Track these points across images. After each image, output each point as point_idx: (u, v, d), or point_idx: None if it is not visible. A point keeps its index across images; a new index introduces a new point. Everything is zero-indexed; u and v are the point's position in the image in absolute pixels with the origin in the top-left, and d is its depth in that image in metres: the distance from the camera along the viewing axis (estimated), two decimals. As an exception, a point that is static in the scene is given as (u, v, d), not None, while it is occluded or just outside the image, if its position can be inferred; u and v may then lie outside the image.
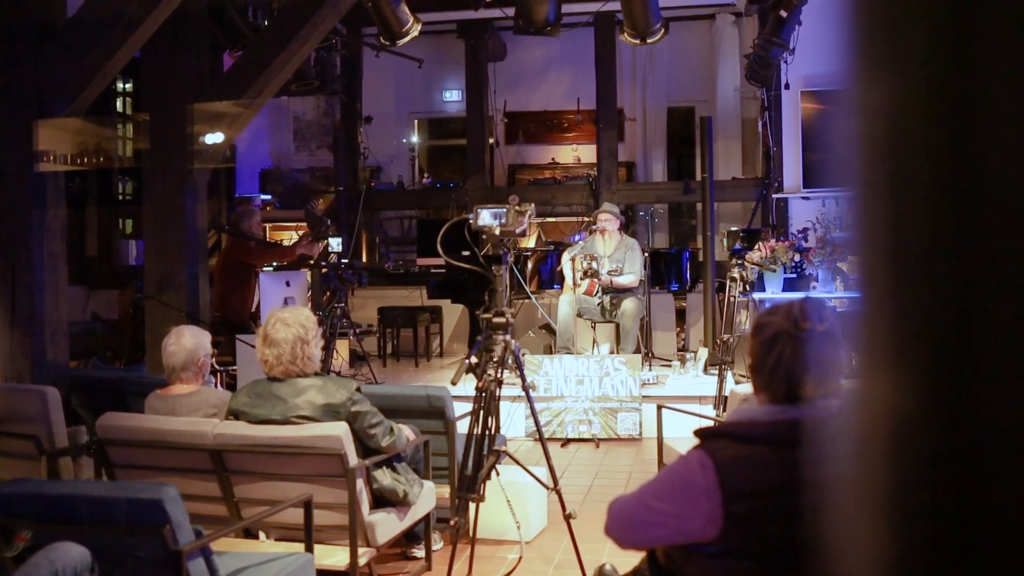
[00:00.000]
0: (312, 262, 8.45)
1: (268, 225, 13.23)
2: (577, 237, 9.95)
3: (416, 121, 13.96)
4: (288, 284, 8.28)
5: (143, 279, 9.84)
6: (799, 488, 2.15)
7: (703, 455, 2.21)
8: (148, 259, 7.83)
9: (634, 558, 2.73)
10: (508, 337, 4.23)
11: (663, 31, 7.70)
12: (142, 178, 8.12)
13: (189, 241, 7.70)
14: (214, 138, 7.86)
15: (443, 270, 10.55)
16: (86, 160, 6.89)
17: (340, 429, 4.04)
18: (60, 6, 6.19)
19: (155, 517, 2.88)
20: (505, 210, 4.15)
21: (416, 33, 7.75)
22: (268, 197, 13.23)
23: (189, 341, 4.40)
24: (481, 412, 4.20)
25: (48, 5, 6.09)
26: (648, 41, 7.78)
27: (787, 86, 9.41)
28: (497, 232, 4.11)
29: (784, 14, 7.99)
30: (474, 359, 4.24)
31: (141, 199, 11.91)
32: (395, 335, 10.55)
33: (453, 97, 13.42)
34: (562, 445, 7.70)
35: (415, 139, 13.90)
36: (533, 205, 4.27)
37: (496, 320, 4.21)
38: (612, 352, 8.76)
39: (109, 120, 10.68)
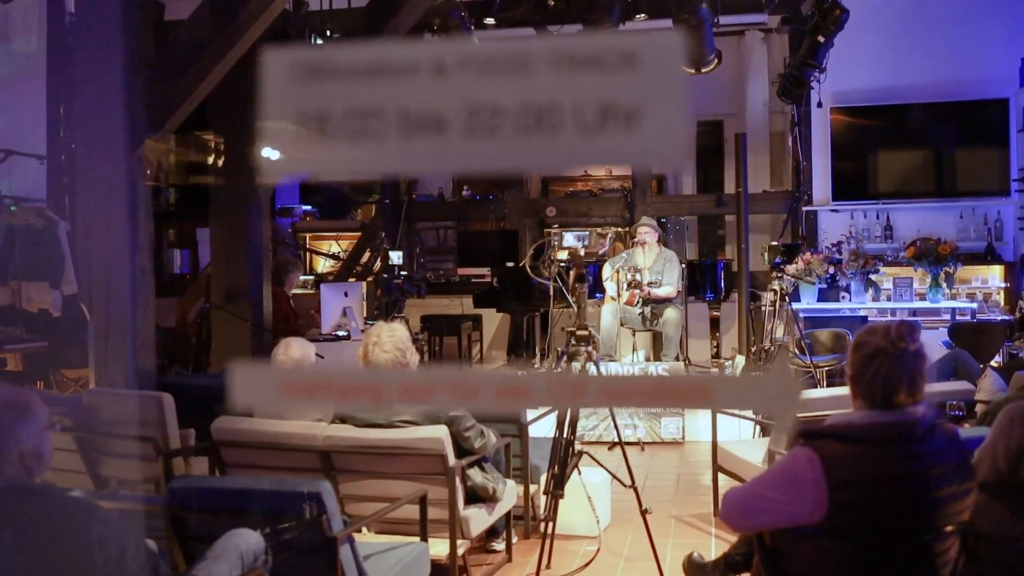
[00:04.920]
0: (373, 274, 8.87)
1: (308, 235, 13.69)
2: (601, 251, 10.38)
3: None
4: (346, 295, 8.71)
5: (190, 286, 10.31)
6: (893, 479, 2.59)
7: (810, 452, 2.63)
8: (215, 270, 8.28)
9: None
10: (590, 348, 4.65)
11: (716, 61, 8.16)
12: (208, 193, 8.56)
13: (253, 254, 8.15)
14: (278, 156, 8.30)
15: (485, 280, 11.00)
16: (170, 179, 7.33)
17: (441, 432, 4.47)
18: (149, 39, 6.64)
19: (314, 507, 3.31)
20: (588, 233, 4.56)
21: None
22: (309, 208, 13.67)
23: (296, 351, 4.83)
24: (566, 417, 4.62)
25: (139, 38, 6.54)
26: (703, 71, 8.25)
27: (819, 104, 9.84)
28: (582, 253, 4.52)
29: (822, 39, 8.42)
30: (560, 369, 4.66)
31: (184, 210, 12.39)
32: (440, 342, 10.99)
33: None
34: (609, 448, 8.12)
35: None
36: (613, 230, 4.68)
37: (580, 333, 4.63)
38: (648, 359, 9.19)
39: (188, 140, 11.11)
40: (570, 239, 4.80)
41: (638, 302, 9.07)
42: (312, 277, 12.01)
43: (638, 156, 0.75)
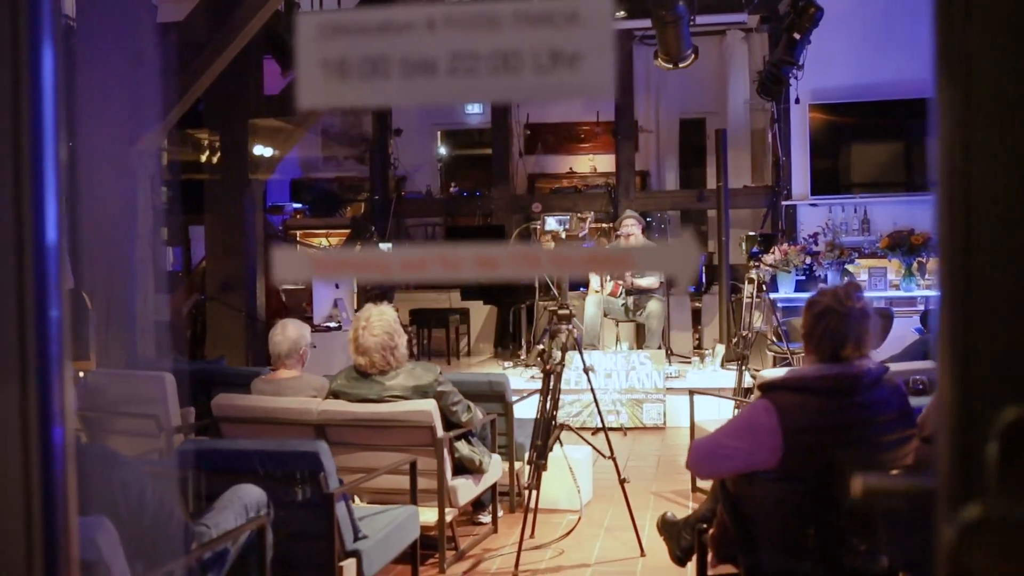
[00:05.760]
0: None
1: (299, 231, 13.92)
2: (582, 234, 10.62)
3: (439, 132, 14.66)
4: (337, 287, 8.96)
5: (184, 282, 10.53)
6: (841, 426, 2.86)
7: (767, 402, 2.90)
8: (211, 263, 8.53)
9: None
10: (571, 327, 4.92)
11: (693, 56, 8.45)
12: (203, 189, 8.80)
13: (247, 247, 8.40)
14: (271, 152, 8.57)
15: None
16: (163, 177, 7.56)
17: (430, 405, 4.73)
18: (151, 35, 6.88)
19: (312, 466, 3.57)
20: (569, 217, 4.82)
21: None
22: (299, 205, 13.91)
23: (293, 332, 5.08)
24: (549, 392, 4.89)
25: (140, 36, 6.79)
26: (680, 65, 8.55)
27: (797, 101, 10.14)
28: (563, 236, 4.78)
29: (797, 36, 8.72)
30: (542, 346, 4.92)
31: (176, 207, 12.58)
32: (428, 335, 11.24)
33: (475, 109, 14.11)
34: (592, 433, 8.37)
35: (442, 150, 14.62)
36: (592, 213, 4.95)
37: (561, 312, 4.90)
38: (632, 348, 9.46)
39: (181, 138, 11.33)
40: (552, 223, 5.05)
41: (621, 293, 9.34)
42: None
43: (578, 90, 1.02)
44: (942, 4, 1.07)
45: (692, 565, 3.64)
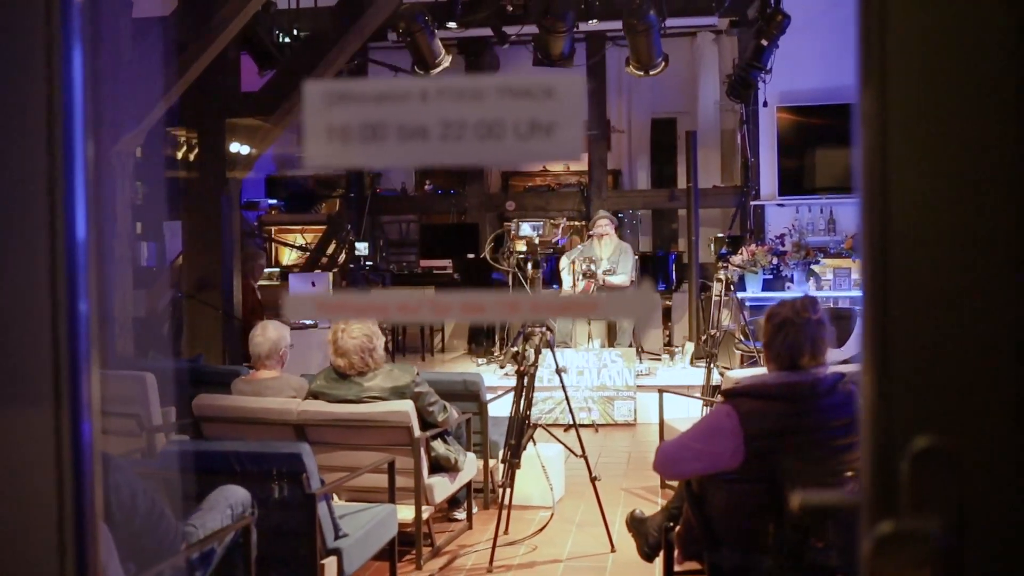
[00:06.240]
0: (339, 265, 9.23)
1: (274, 228, 14.01)
2: (561, 241, 10.81)
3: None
4: (313, 285, 9.07)
5: (160, 278, 10.59)
6: (799, 430, 3.03)
7: (729, 408, 3.07)
8: (187, 261, 8.62)
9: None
10: (544, 329, 5.07)
11: (664, 64, 8.63)
12: (178, 187, 8.88)
13: (224, 245, 8.49)
14: (248, 151, 8.66)
15: (446, 272, 11.40)
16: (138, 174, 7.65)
17: (407, 406, 4.87)
18: (127, 43, 6.96)
19: (295, 467, 3.70)
20: (542, 223, 4.97)
21: (447, 64, 8.62)
22: (275, 202, 13.99)
23: (273, 333, 5.20)
24: (523, 392, 5.04)
25: (117, 44, 6.87)
26: (651, 73, 8.72)
27: (765, 104, 10.33)
28: (536, 242, 4.93)
29: (765, 43, 8.91)
30: (516, 348, 5.07)
31: (153, 204, 12.63)
32: (403, 332, 11.37)
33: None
34: (565, 430, 8.53)
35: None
36: (565, 219, 5.10)
37: (535, 315, 5.03)
38: (604, 346, 9.64)
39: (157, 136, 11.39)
40: (526, 228, 5.20)
41: (593, 291, 9.50)
42: (277, 269, 12.35)
43: (553, 155, 1.17)
44: (862, 20, 1.21)
45: (660, 561, 3.81)
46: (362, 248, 8.80)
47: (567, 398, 5.47)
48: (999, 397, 1.14)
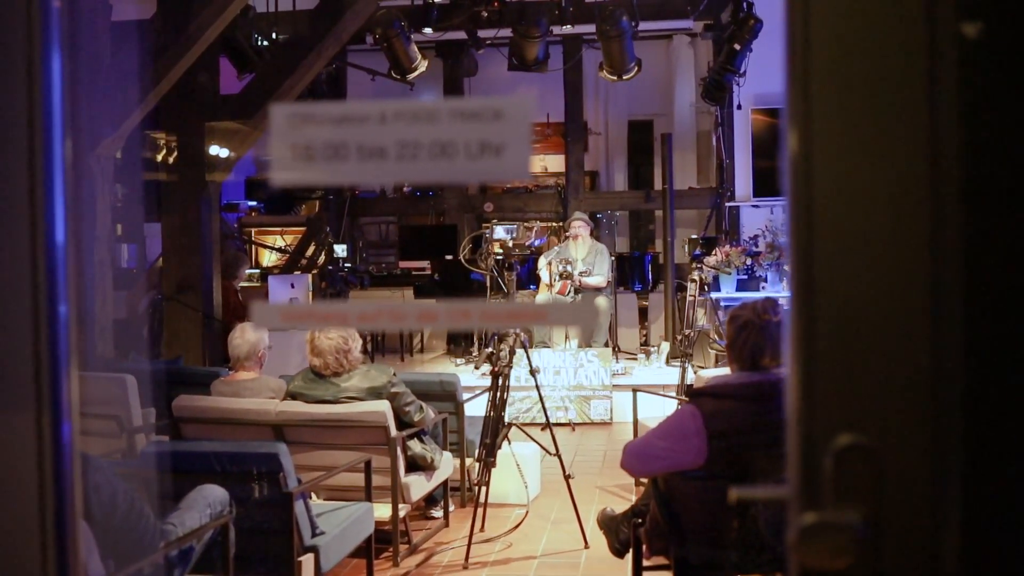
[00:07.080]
0: (318, 267, 9.29)
1: (254, 229, 14.04)
2: (538, 242, 10.90)
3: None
4: (293, 287, 9.12)
5: (140, 279, 10.63)
6: (760, 429, 3.13)
7: (693, 408, 3.17)
8: (167, 263, 8.66)
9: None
10: (518, 331, 5.16)
11: (636, 69, 8.74)
12: (158, 189, 8.93)
13: (204, 247, 8.54)
14: (227, 154, 8.72)
15: (425, 273, 11.47)
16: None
17: (384, 406, 4.95)
18: (106, 47, 7.01)
19: (272, 466, 3.78)
20: (516, 226, 5.06)
21: (424, 69, 8.70)
22: (254, 204, 14.03)
23: (252, 335, 5.27)
24: (497, 392, 5.13)
25: (96, 48, 6.91)
26: (624, 77, 8.84)
27: (739, 106, 10.45)
28: (511, 245, 5.02)
29: (738, 47, 9.04)
30: (491, 349, 5.16)
31: (132, 206, 12.66)
32: (382, 334, 11.43)
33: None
34: (541, 429, 8.63)
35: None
36: (538, 223, 5.19)
37: (509, 316, 5.13)
38: (581, 346, 9.74)
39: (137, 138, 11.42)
40: (500, 232, 5.29)
41: (569, 291, 9.60)
42: (258, 271, 12.39)
43: (501, 174, 1.26)
44: (789, 35, 1.30)
45: (630, 556, 3.90)
46: (341, 250, 8.86)
47: (541, 398, 5.56)
48: (917, 397, 1.24)
